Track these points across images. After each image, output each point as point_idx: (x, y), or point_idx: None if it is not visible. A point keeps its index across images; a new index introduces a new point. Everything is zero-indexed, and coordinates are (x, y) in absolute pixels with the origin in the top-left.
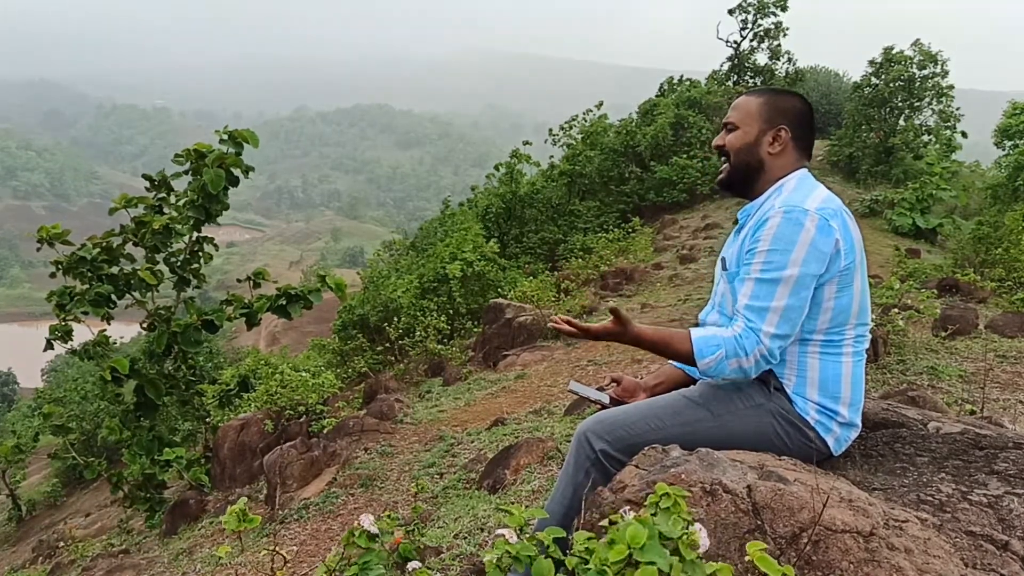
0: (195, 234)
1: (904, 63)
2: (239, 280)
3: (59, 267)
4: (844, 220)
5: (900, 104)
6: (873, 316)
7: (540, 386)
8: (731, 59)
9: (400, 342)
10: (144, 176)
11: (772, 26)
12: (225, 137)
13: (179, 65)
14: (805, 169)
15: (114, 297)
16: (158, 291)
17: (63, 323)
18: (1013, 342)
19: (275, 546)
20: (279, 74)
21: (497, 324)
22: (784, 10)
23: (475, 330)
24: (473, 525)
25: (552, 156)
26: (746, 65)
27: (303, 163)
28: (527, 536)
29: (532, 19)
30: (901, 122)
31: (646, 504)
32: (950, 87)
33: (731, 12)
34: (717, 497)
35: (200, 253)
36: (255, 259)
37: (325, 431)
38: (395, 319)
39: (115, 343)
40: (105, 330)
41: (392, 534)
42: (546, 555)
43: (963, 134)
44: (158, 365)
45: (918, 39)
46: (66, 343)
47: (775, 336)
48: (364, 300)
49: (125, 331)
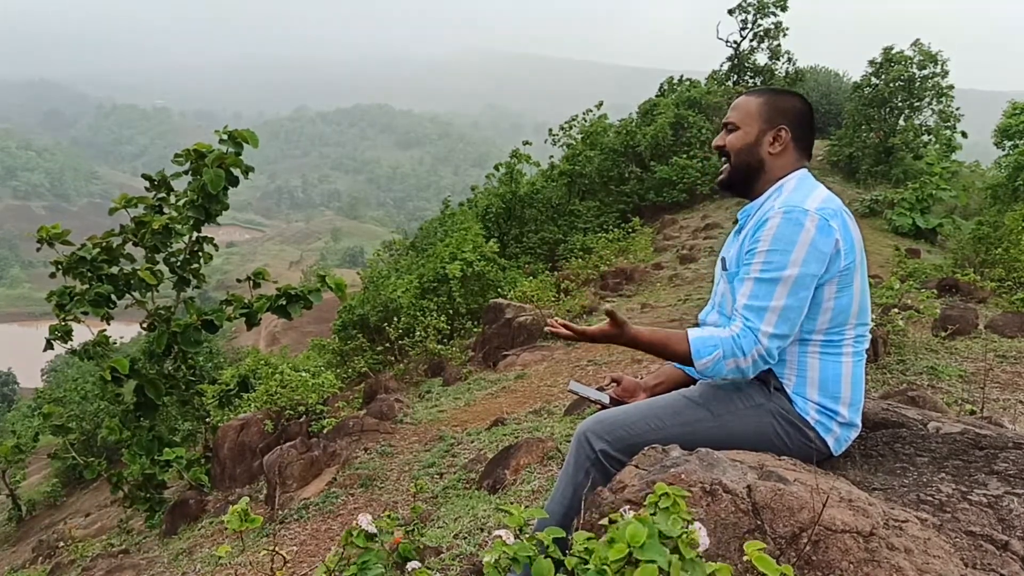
0: (195, 234)
1: (904, 63)
2: (239, 280)
3: (59, 267)
4: (844, 220)
5: (900, 104)
6: (873, 316)
7: (540, 386)
8: (731, 59)
9: (400, 342)
10: (144, 176)
11: (772, 26)
12: (225, 137)
13: (179, 65)
14: (805, 169)
15: (114, 297)
16: (158, 291)
17: (63, 323)
18: (1013, 342)
19: (275, 546)
20: (279, 74)
21: (497, 324)
22: (784, 10)
23: (475, 330)
24: (473, 525)
25: (552, 156)
26: (746, 65)
27: (303, 163)
28: (527, 536)
29: (532, 19)
30: (901, 122)
31: (646, 504)
32: (950, 87)
33: (731, 12)
34: (717, 497)
35: (200, 253)
36: (255, 259)
37: (325, 431)
38: (395, 319)
39: (115, 343)
40: (105, 330)
41: (392, 534)
42: (546, 555)
43: (963, 134)
44: (158, 365)
45: (918, 39)
46: (66, 343)
47: (773, 336)
48: (364, 300)
49: (125, 331)
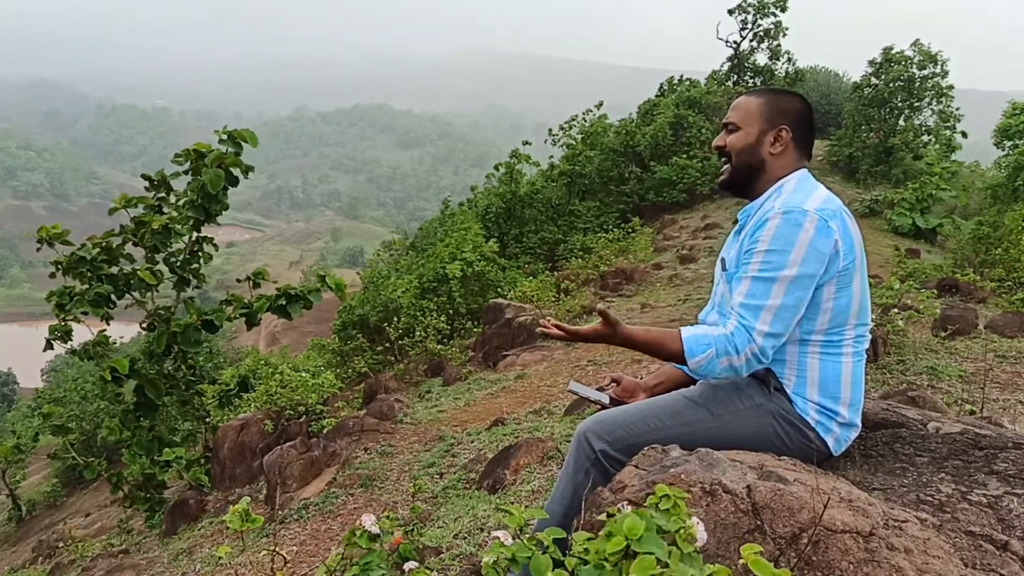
0: (195, 234)
1: (904, 63)
2: (239, 280)
3: (59, 267)
4: (844, 220)
5: (900, 104)
6: (873, 316)
7: (540, 386)
8: (731, 59)
9: (400, 342)
10: (143, 176)
11: (772, 26)
12: (224, 137)
13: (179, 65)
14: (805, 169)
15: (114, 297)
16: (158, 291)
17: (63, 323)
18: (1013, 342)
19: (275, 546)
20: (279, 74)
21: (497, 324)
22: (784, 10)
23: (475, 330)
24: (473, 525)
25: (552, 156)
26: (746, 65)
27: (303, 163)
28: (527, 536)
29: (532, 19)
30: (901, 122)
31: (646, 505)
32: (950, 87)
33: (731, 12)
34: (717, 497)
35: (200, 253)
36: (255, 259)
37: (325, 431)
38: (395, 319)
39: (115, 343)
40: (105, 330)
41: (392, 534)
42: (545, 555)
43: (963, 134)
44: (158, 365)
45: (918, 39)
46: (66, 343)
47: (768, 335)
48: (364, 300)
49: (125, 331)
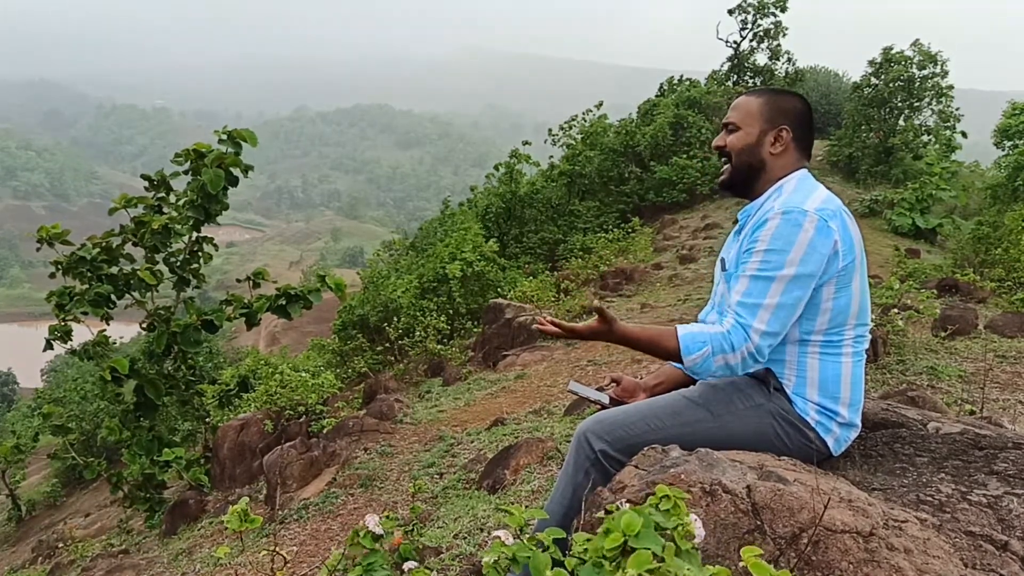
0: (195, 234)
1: (904, 63)
2: (239, 280)
3: (59, 267)
4: (843, 221)
5: (900, 104)
6: (873, 316)
7: (540, 386)
8: (731, 59)
9: (400, 342)
10: (143, 176)
11: (772, 26)
12: (224, 137)
13: (179, 65)
14: (805, 169)
15: (114, 297)
16: (158, 291)
17: (63, 323)
18: (1013, 342)
19: (275, 546)
20: (279, 74)
21: (497, 324)
22: (784, 10)
23: (475, 330)
24: (473, 525)
25: (552, 156)
26: (746, 65)
27: (303, 163)
28: (527, 537)
29: (532, 19)
30: (901, 122)
31: (646, 505)
32: (950, 87)
33: (731, 12)
34: (717, 497)
35: (200, 253)
36: (255, 259)
37: (325, 431)
38: (395, 319)
39: (115, 343)
40: (105, 330)
41: (392, 534)
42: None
43: (963, 134)
44: (158, 365)
45: (918, 39)
46: (66, 343)
47: (765, 333)
48: (364, 300)
49: (125, 331)
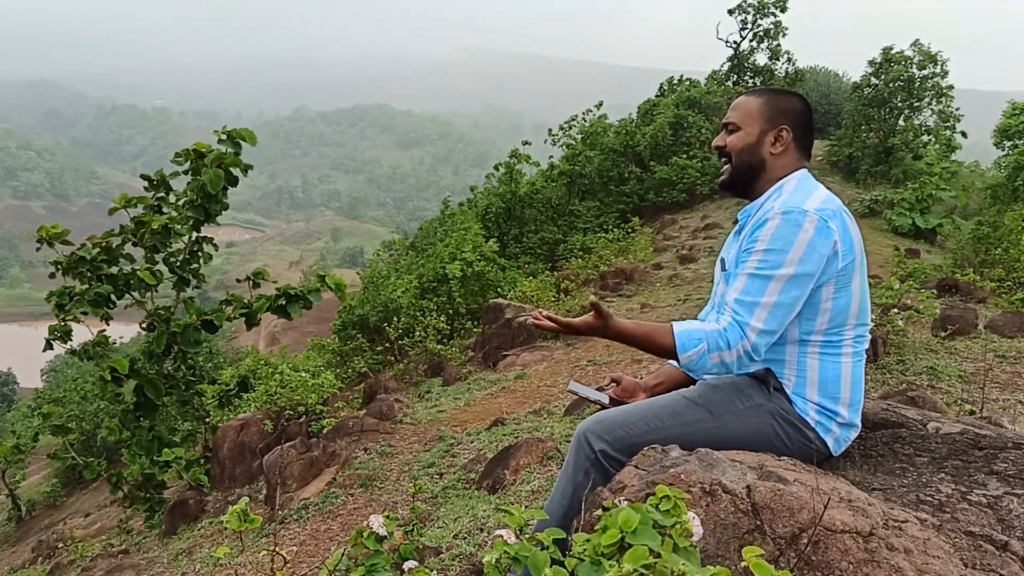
0: (194, 234)
1: (904, 63)
2: (239, 280)
3: (59, 267)
4: (843, 221)
5: (900, 104)
6: (873, 316)
7: (540, 386)
8: (731, 59)
9: (400, 342)
10: (143, 176)
11: (772, 26)
12: (224, 137)
13: (179, 65)
14: (805, 169)
15: (113, 297)
16: (158, 291)
17: (63, 323)
18: (1013, 342)
19: (275, 546)
20: (279, 74)
21: (497, 324)
22: (784, 10)
23: (475, 330)
24: (473, 525)
25: (552, 156)
26: (746, 65)
27: (303, 163)
28: (527, 537)
29: (532, 19)
30: (901, 122)
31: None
32: (950, 87)
33: (731, 12)
34: (717, 497)
35: (199, 253)
36: (255, 259)
37: (325, 431)
38: (395, 319)
39: (115, 343)
40: (105, 330)
41: (392, 535)
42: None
43: (963, 134)
44: (158, 365)
45: (918, 39)
46: (66, 343)
47: (762, 332)
48: (364, 300)
49: (125, 331)
